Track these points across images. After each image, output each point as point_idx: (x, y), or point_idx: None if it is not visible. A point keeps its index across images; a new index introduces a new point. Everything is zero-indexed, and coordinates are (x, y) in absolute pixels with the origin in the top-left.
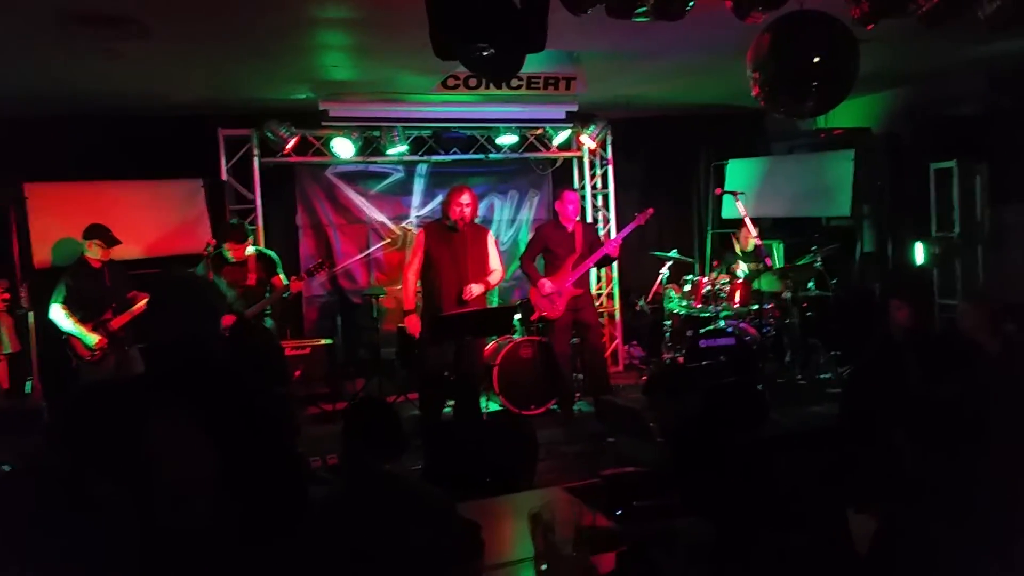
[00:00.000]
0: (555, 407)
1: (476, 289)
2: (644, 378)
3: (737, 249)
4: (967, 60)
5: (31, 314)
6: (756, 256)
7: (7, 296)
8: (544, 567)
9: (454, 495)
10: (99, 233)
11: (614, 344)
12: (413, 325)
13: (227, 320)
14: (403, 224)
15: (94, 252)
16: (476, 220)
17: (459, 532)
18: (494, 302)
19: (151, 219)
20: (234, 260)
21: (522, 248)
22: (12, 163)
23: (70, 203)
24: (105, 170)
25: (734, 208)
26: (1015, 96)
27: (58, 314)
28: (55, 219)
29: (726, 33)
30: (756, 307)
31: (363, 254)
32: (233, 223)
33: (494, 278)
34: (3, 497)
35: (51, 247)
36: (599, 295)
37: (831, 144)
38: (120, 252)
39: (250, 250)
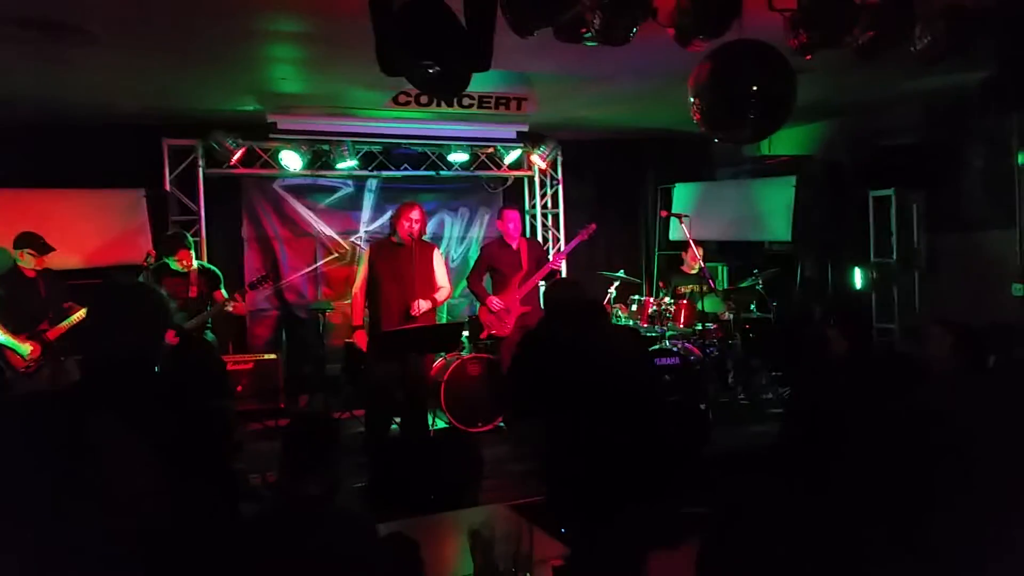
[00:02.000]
0: (502, 424)
1: (424, 305)
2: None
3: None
4: (904, 92)
5: None
6: (700, 278)
7: None
8: None
9: (397, 512)
10: (30, 241)
11: None
12: (361, 340)
13: (168, 333)
14: (352, 239)
15: (26, 262)
16: (426, 237)
17: (386, 554)
18: (443, 319)
19: (90, 228)
20: (180, 269)
21: (472, 264)
22: None
23: (6, 211)
24: (44, 178)
25: (680, 230)
26: (950, 127)
27: None
28: None
29: (672, 60)
30: (700, 328)
31: (310, 268)
32: (171, 233)
33: (441, 295)
34: None
35: None
36: None
37: (773, 170)
38: (58, 261)
39: (194, 264)
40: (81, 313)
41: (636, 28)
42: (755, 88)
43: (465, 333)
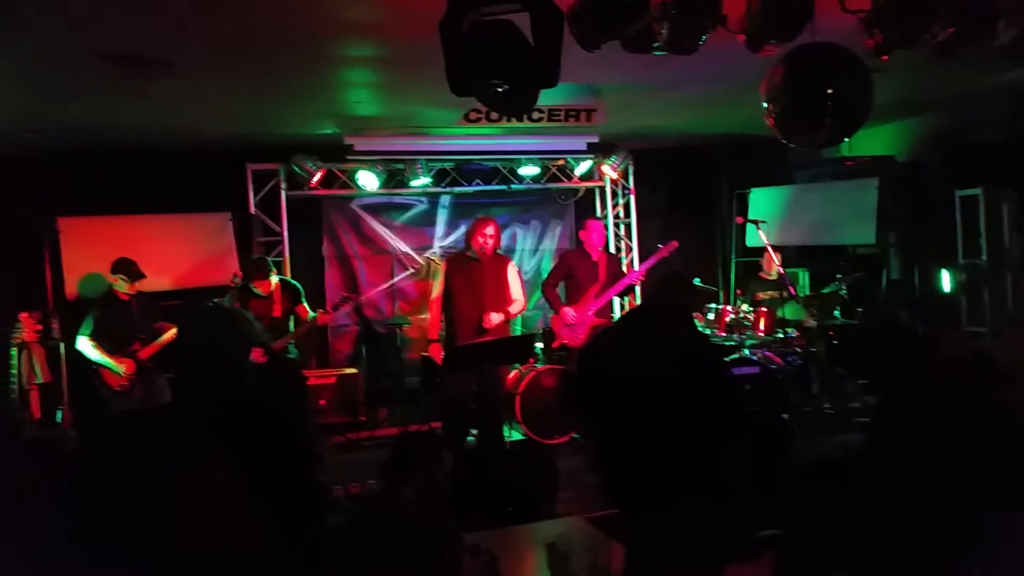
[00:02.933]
0: (577, 436)
1: (496, 318)
2: None
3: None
4: (990, 87)
5: (62, 345)
6: (780, 284)
7: (39, 327)
8: None
9: (475, 523)
10: (124, 268)
11: None
12: (437, 353)
13: (255, 352)
14: (427, 254)
15: (120, 286)
16: (498, 250)
17: (468, 562)
18: (517, 331)
19: (180, 252)
20: (261, 294)
21: (544, 277)
22: (46, 198)
23: (101, 237)
24: (136, 204)
25: (757, 236)
26: None
27: (84, 345)
28: (87, 252)
29: (743, 64)
30: (781, 335)
31: (387, 284)
32: (255, 259)
33: (515, 308)
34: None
35: (82, 280)
36: None
37: (854, 172)
38: (149, 284)
39: (274, 280)
40: (171, 333)
41: (705, 36)
42: (830, 91)
43: (539, 344)
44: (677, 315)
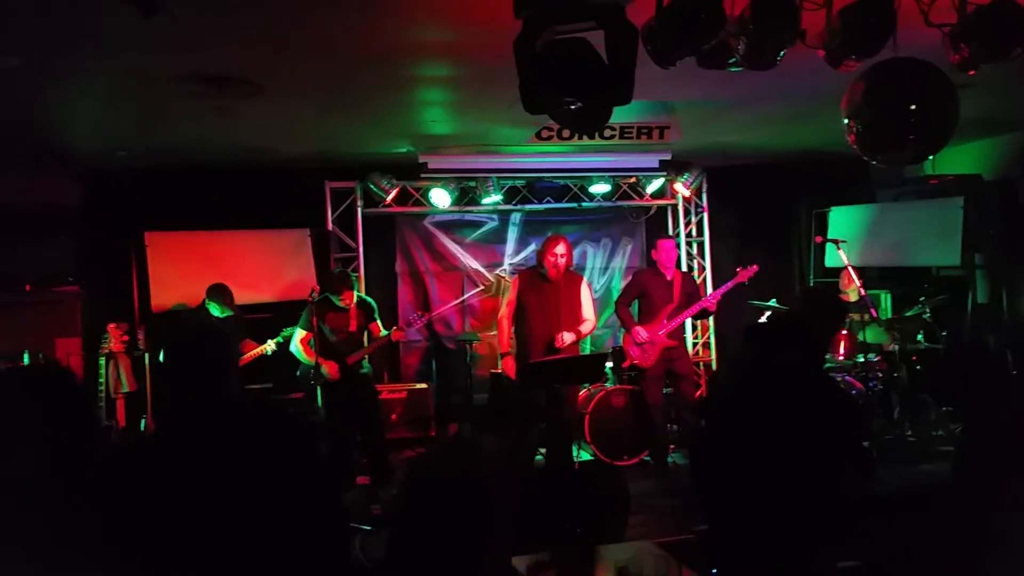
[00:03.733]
0: (648, 459)
1: (568, 337)
2: None
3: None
4: None
5: (147, 355)
6: (861, 306)
7: (126, 338)
8: None
9: (543, 543)
10: (218, 297)
11: None
12: (509, 367)
13: (331, 366)
14: (497, 271)
15: (213, 309)
16: (571, 268)
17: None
18: (586, 350)
19: (261, 266)
20: (343, 306)
21: (615, 295)
22: (134, 213)
23: (187, 251)
24: (219, 220)
25: (837, 257)
26: None
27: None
28: (173, 266)
29: (822, 80)
30: (862, 359)
31: (458, 301)
32: (338, 272)
33: (586, 327)
34: None
35: (168, 292)
36: (695, 344)
37: (939, 191)
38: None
39: (353, 299)
40: (254, 353)
41: (784, 51)
42: (914, 107)
43: (609, 364)
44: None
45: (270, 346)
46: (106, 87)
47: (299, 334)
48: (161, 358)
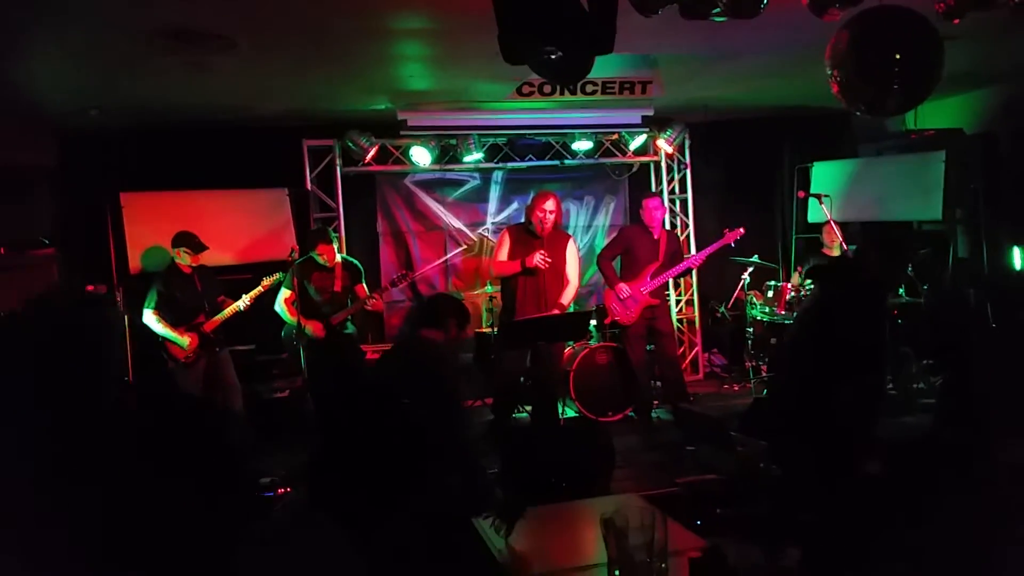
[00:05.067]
0: (632, 414)
1: (537, 258)
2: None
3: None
4: None
5: (126, 318)
6: None
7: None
8: (617, 572)
9: (529, 499)
10: (186, 240)
11: (694, 352)
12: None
13: (316, 326)
14: (480, 231)
15: (183, 259)
16: (559, 226)
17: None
18: (570, 307)
19: (239, 227)
20: (325, 263)
21: (598, 253)
22: (109, 173)
23: (163, 212)
24: (196, 180)
25: (820, 212)
26: None
27: (150, 319)
28: (149, 227)
29: (806, 31)
30: None
31: (441, 260)
32: (316, 229)
33: (568, 295)
34: None
35: (145, 253)
36: (678, 301)
37: (922, 145)
38: (210, 258)
39: (338, 258)
40: (236, 306)
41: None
42: (898, 56)
43: (592, 322)
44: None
45: (244, 301)
46: (72, 41)
47: (283, 294)
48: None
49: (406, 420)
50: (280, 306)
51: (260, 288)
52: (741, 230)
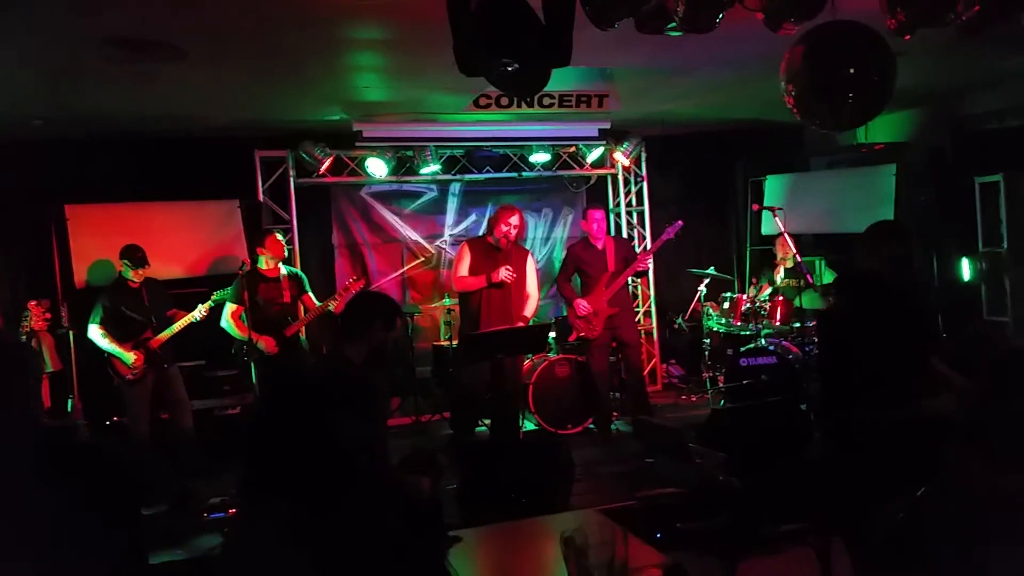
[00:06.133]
0: (592, 427)
1: (504, 273)
2: None
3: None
4: (1011, 71)
5: (71, 333)
6: (797, 273)
7: (48, 315)
8: None
9: (488, 515)
10: (129, 254)
11: (652, 363)
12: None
13: (268, 341)
14: (437, 243)
15: (127, 272)
16: (518, 241)
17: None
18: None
19: (189, 239)
20: (271, 277)
21: (557, 266)
22: (53, 184)
23: (110, 224)
24: (144, 192)
25: (773, 224)
26: None
27: (95, 334)
28: (95, 239)
29: (760, 46)
30: (798, 325)
31: (397, 273)
32: (262, 230)
33: (530, 307)
34: None
35: (91, 267)
36: (636, 313)
37: (872, 159)
38: (160, 271)
39: (283, 270)
40: (184, 321)
41: (722, 14)
42: (852, 71)
43: (552, 334)
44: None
45: (200, 311)
46: (15, 50)
47: (229, 308)
48: None
49: (333, 442)
50: (227, 321)
51: (210, 302)
52: (679, 223)
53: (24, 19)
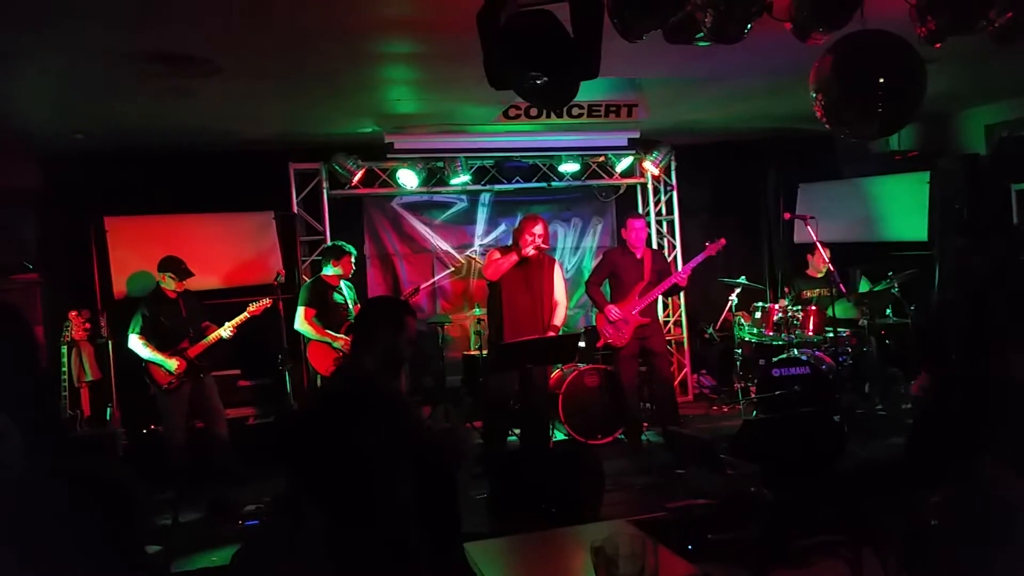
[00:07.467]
0: (622, 437)
1: (531, 249)
2: None
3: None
4: None
5: (110, 343)
6: (829, 282)
7: (88, 325)
8: None
9: (518, 525)
10: (172, 266)
11: (683, 373)
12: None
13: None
14: (467, 253)
15: (168, 283)
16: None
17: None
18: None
19: (225, 251)
20: (330, 277)
21: (586, 275)
22: (93, 197)
23: (148, 236)
24: (181, 204)
25: (805, 232)
26: None
27: (136, 343)
28: (134, 251)
29: (789, 55)
30: (831, 335)
31: (428, 283)
32: (328, 246)
33: (559, 316)
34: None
35: (129, 278)
36: (667, 323)
37: (905, 166)
38: (195, 283)
39: (342, 283)
40: (218, 333)
41: (750, 24)
42: (882, 80)
43: (580, 344)
44: None
45: (228, 329)
46: (60, 67)
47: (303, 311)
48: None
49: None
50: (301, 324)
51: (244, 315)
52: (722, 240)
53: (65, 36)
